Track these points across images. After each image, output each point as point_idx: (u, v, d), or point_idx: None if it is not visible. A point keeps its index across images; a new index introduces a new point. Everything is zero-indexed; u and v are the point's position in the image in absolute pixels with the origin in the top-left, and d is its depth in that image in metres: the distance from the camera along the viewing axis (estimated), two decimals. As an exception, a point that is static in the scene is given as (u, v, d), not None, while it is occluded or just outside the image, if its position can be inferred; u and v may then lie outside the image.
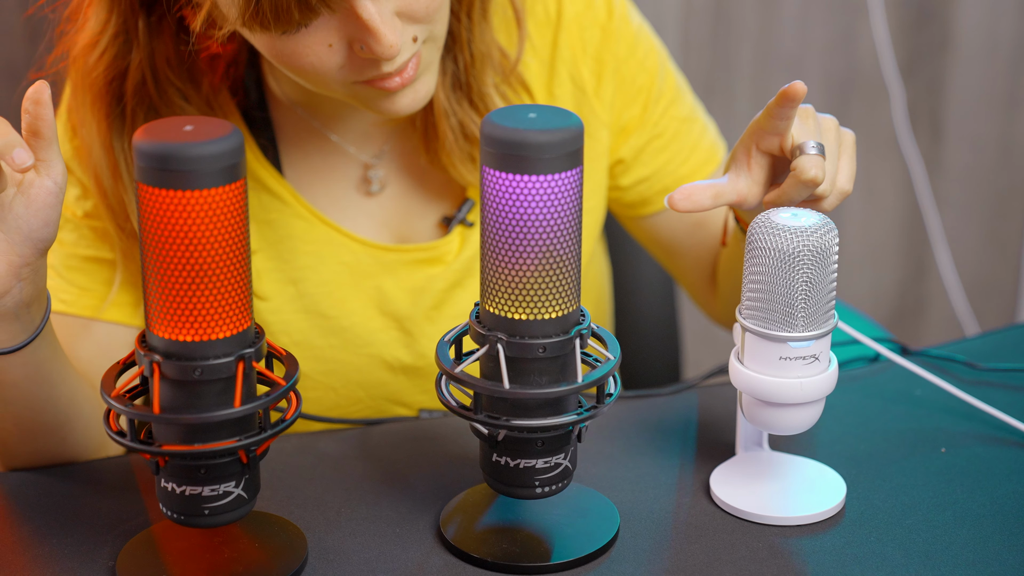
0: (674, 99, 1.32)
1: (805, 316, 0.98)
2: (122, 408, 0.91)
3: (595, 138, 1.27)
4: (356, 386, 1.25)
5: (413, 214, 1.25)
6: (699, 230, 1.33)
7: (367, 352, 1.24)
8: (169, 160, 0.87)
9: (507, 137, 0.91)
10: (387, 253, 1.23)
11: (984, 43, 2.40)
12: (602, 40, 1.26)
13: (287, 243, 1.22)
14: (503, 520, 1.01)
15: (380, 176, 1.24)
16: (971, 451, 1.11)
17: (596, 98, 1.27)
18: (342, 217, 1.23)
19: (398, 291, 1.24)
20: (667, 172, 1.32)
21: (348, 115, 1.22)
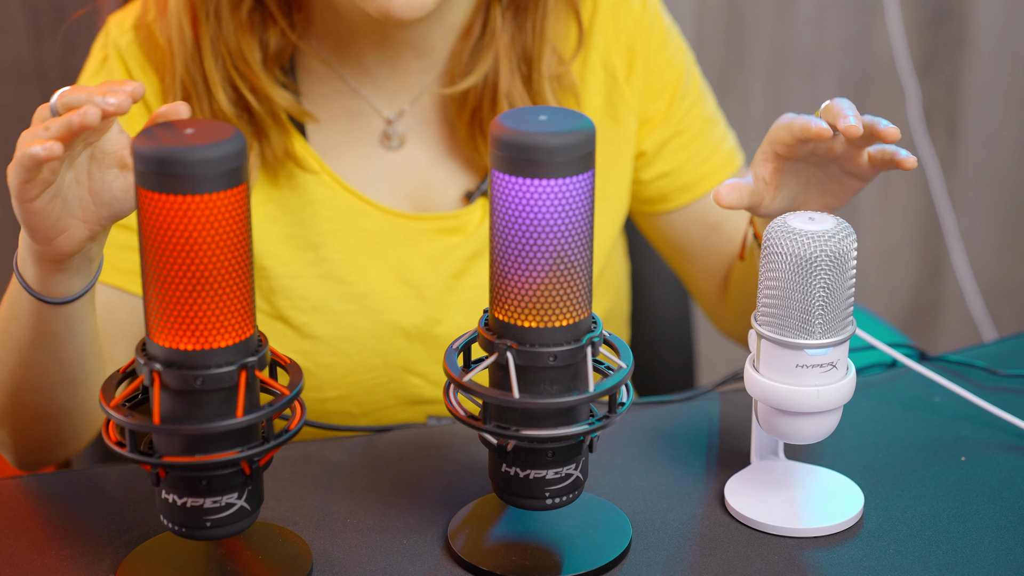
0: (698, 99, 1.33)
1: (823, 323, 0.95)
2: (121, 419, 0.89)
3: (624, 124, 1.28)
4: (372, 352, 1.24)
5: (435, 186, 1.26)
6: (713, 233, 1.31)
7: (385, 319, 1.24)
8: (169, 164, 0.84)
9: (518, 140, 0.88)
10: (409, 222, 1.24)
11: (1001, 42, 2.37)
12: (635, 31, 1.28)
13: (309, 208, 1.22)
14: (513, 532, 0.99)
15: (400, 132, 1.25)
16: (992, 460, 1.08)
17: (627, 86, 1.28)
18: (365, 185, 1.24)
19: (418, 259, 1.24)
20: (687, 170, 1.31)
21: (375, 68, 1.24)
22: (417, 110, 1.26)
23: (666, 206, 1.32)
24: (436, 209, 1.26)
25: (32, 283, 1.00)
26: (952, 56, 2.37)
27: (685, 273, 1.36)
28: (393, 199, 1.25)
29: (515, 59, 1.22)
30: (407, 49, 1.23)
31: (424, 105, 1.26)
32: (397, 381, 1.26)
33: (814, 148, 1.04)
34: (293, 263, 1.23)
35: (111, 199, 0.96)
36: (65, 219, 0.95)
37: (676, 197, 1.32)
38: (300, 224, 1.23)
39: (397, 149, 1.25)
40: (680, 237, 1.34)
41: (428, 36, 1.23)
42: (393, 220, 1.24)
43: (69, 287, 1.01)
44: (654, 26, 1.29)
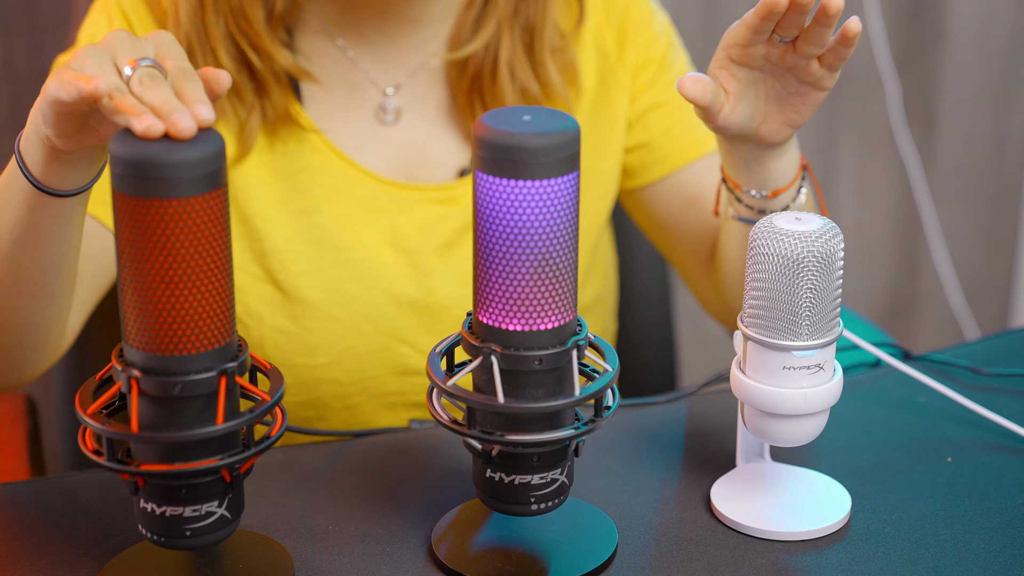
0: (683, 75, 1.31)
1: (810, 324, 0.94)
2: (98, 427, 0.87)
3: (616, 102, 1.30)
4: (363, 319, 1.24)
5: (430, 161, 1.26)
6: (694, 206, 1.31)
7: (377, 285, 1.24)
8: (146, 167, 0.83)
9: (501, 140, 0.87)
10: (403, 191, 1.25)
11: (978, 37, 2.37)
12: (626, 11, 1.30)
13: (303, 175, 1.23)
14: (498, 538, 0.98)
15: (395, 106, 1.26)
16: (978, 460, 1.08)
17: (619, 64, 1.30)
18: (359, 154, 1.25)
19: (410, 227, 1.25)
20: (667, 140, 1.32)
21: (374, 40, 1.24)
22: (414, 84, 1.26)
23: (647, 178, 1.33)
24: (430, 181, 1.26)
25: (33, 168, 0.98)
26: (928, 51, 2.37)
27: (671, 251, 1.36)
28: (387, 170, 1.26)
29: (518, 28, 1.24)
30: (407, 22, 1.24)
31: (421, 79, 1.26)
32: (387, 349, 1.25)
33: (766, 54, 1.03)
34: (286, 227, 1.23)
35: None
36: (81, 127, 0.93)
37: (656, 168, 1.32)
38: (294, 190, 1.23)
39: (392, 124, 1.26)
40: (663, 212, 1.34)
41: (429, 9, 1.24)
42: (386, 188, 1.25)
43: (66, 181, 0.98)
44: (642, 6, 1.32)
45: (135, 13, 1.21)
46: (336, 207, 1.24)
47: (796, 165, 1.12)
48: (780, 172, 1.11)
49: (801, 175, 1.12)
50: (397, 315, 1.25)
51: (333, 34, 1.24)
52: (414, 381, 1.27)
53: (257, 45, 1.20)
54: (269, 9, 1.21)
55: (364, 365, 1.25)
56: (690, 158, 1.32)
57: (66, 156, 0.97)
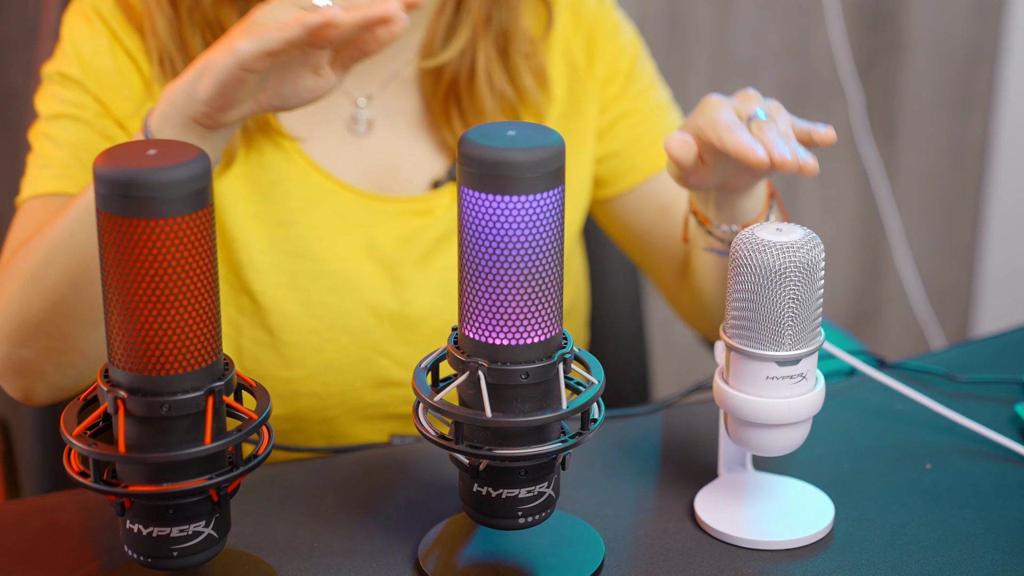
0: (651, 85, 1.35)
1: (792, 334, 0.95)
2: (84, 448, 0.86)
3: (585, 113, 1.31)
4: (341, 331, 1.24)
5: (402, 172, 1.27)
6: (665, 216, 1.32)
7: (354, 297, 1.24)
8: (132, 187, 0.82)
9: (486, 156, 0.87)
10: (379, 203, 1.25)
11: (936, 46, 2.40)
12: (594, 21, 1.31)
13: (279, 187, 1.23)
14: (485, 552, 0.98)
15: (367, 117, 1.26)
16: (956, 467, 1.09)
17: (588, 75, 1.31)
18: (333, 165, 1.25)
19: (387, 239, 1.25)
20: (637, 150, 1.33)
21: None
22: (386, 95, 1.27)
23: (617, 187, 1.33)
24: (404, 193, 1.27)
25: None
26: (888, 60, 2.39)
27: (645, 262, 1.37)
28: (361, 181, 1.26)
29: (492, 34, 1.25)
30: None
31: (393, 90, 1.27)
32: (366, 361, 1.25)
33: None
34: (262, 239, 1.23)
35: (291, 93, 1.01)
36: (249, 94, 0.99)
37: (626, 177, 1.33)
38: (270, 201, 1.23)
39: (365, 135, 1.26)
40: (634, 222, 1.34)
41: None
42: (362, 200, 1.25)
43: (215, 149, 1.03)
44: (609, 16, 1.33)
45: (115, 19, 1.21)
46: (312, 219, 1.24)
47: (764, 197, 1.13)
48: (749, 208, 1.12)
49: (769, 204, 1.14)
50: (375, 327, 1.25)
51: None
52: (393, 393, 1.27)
53: None
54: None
55: (342, 377, 1.25)
56: (660, 166, 1.32)
57: (211, 134, 1.02)
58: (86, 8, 1.22)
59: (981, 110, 2.45)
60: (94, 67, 1.19)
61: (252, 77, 0.98)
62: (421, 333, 1.26)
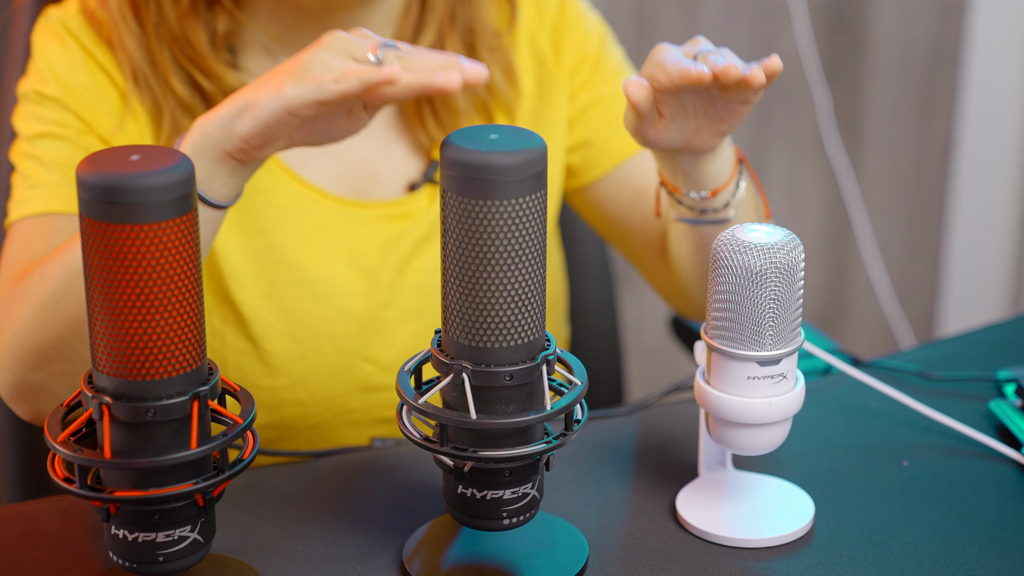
0: (619, 70, 1.36)
1: (773, 334, 0.96)
2: (69, 454, 0.86)
3: (556, 104, 1.31)
4: (324, 338, 1.24)
5: (379, 176, 1.27)
6: (641, 200, 1.33)
7: (336, 304, 1.24)
8: (116, 192, 0.82)
9: (469, 160, 0.87)
10: (357, 209, 1.25)
11: (901, 48, 2.42)
12: (558, 13, 1.32)
13: (257, 196, 1.23)
14: (469, 553, 0.98)
15: None
16: (933, 463, 1.10)
17: (557, 67, 1.31)
18: (309, 172, 1.25)
19: (368, 245, 1.25)
20: (609, 134, 1.33)
21: None
22: None
23: (591, 175, 1.34)
24: (381, 197, 1.27)
25: (198, 178, 1.00)
26: (853, 62, 2.41)
27: (623, 247, 1.37)
28: (337, 187, 1.26)
29: (458, 30, 1.25)
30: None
31: None
32: (349, 368, 1.25)
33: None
34: (242, 249, 1.23)
35: (325, 133, 1.02)
36: (287, 134, 0.99)
37: (599, 164, 1.34)
38: (248, 211, 1.23)
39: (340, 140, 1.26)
40: (611, 208, 1.35)
41: (370, 23, 1.24)
42: (341, 207, 1.25)
43: (231, 190, 1.03)
44: (573, 6, 1.34)
45: (85, 35, 1.20)
46: (291, 228, 1.24)
47: (731, 162, 1.13)
48: (716, 172, 1.12)
49: (738, 169, 1.14)
50: (357, 333, 1.25)
51: (275, 52, 1.24)
52: (377, 397, 1.27)
53: (205, 68, 1.20)
54: (211, 31, 1.21)
55: (326, 384, 1.25)
56: (632, 151, 1.33)
57: (243, 168, 1.02)
58: (55, 26, 1.21)
59: (944, 111, 2.48)
60: (71, 85, 1.19)
61: (298, 121, 0.98)
62: (403, 336, 1.26)
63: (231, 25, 1.22)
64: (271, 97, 0.96)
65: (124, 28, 1.18)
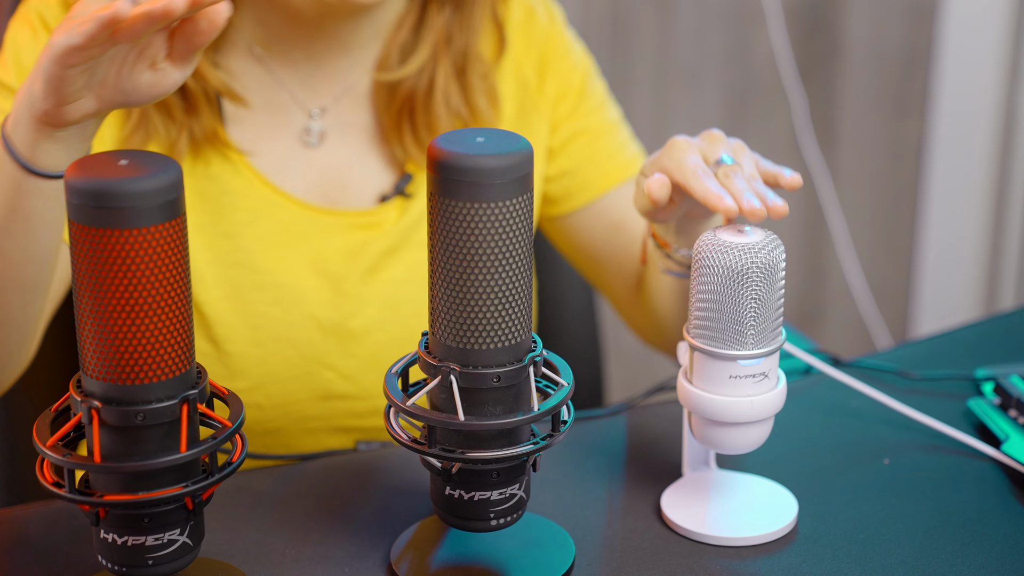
0: (603, 103, 1.37)
1: (755, 333, 0.97)
2: (59, 459, 0.86)
3: (536, 131, 1.32)
4: (286, 343, 1.24)
5: (351, 185, 1.27)
6: (618, 233, 1.33)
7: (299, 310, 1.24)
8: (105, 197, 0.82)
9: (457, 163, 0.88)
10: (324, 216, 1.26)
11: (873, 51, 2.44)
12: (545, 41, 1.33)
13: (225, 198, 1.23)
14: (457, 554, 0.99)
15: (319, 129, 1.27)
16: (913, 461, 1.11)
17: (539, 95, 1.32)
18: (282, 178, 1.25)
19: (333, 253, 1.25)
20: (590, 167, 1.34)
21: (301, 63, 1.26)
22: (339, 108, 1.27)
23: (570, 205, 1.35)
24: (351, 206, 1.27)
25: (23, 150, 0.99)
26: (827, 66, 2.43)
27: (598, 279, 1.38)
28: (308, 194, 1.26)
29: (452, 54, 1.26)
30: (336, 45, 1.25)
31: (347, 103, 1.28)
32: (310, 374, 1.26)
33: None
34: (208, 250, 1.23)
35: (131, 88, 0.98)
36: (83, 89, 0.96)
37: (579, 195, 1.34)
38: (216, 213, 1.23)
39: (316, 147, 1.27)
40: (587, 240, 1.35)
41: (359, 34, 1.25)
42: (308, 214, 1.25)
43: (57, 160, 1.00)
44: (561, 35, 1.35)
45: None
46: (257, 231, 1.24)
47: (722, 220, 1.14)
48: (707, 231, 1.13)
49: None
50: (319, 340, 1.25)
51: (260, 55, 1.24)
52: (336, 406, 1.27)
53: None
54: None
55: (286, 389, 1.25)
56: (612, 184, 1.34)
57: (61, 133, 0.99)
58: (31, 15, 1.21)
59: (917, 113, 2.50)
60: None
61: (73, 72, 0.94)
62: (365, 346, 1.26)
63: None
64: (44, 52, 0.95)
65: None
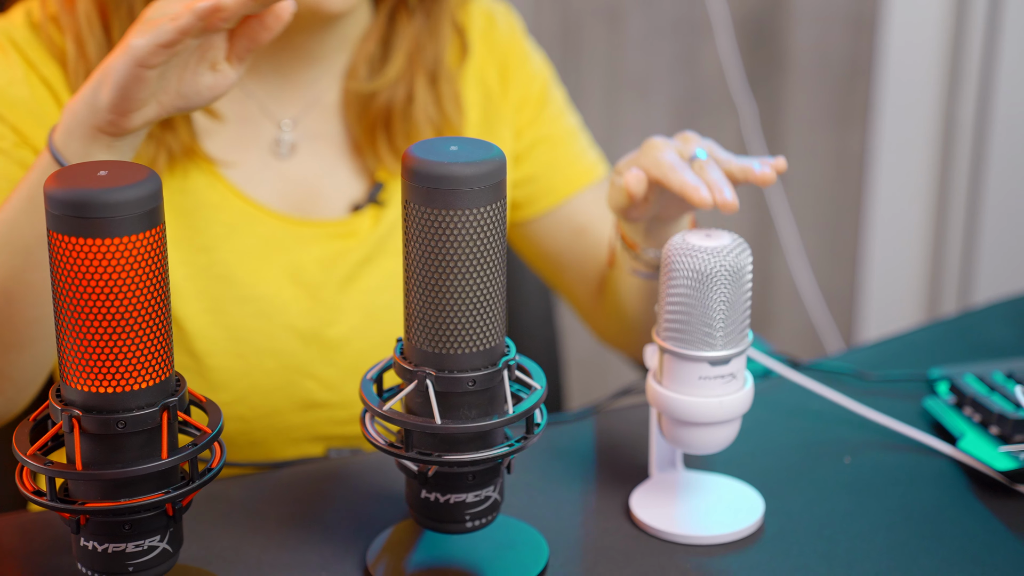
0: (563, 110, 1.40)
1: (724, 335, 0.99)
2: (40, 467, 0.87)
3: (500, 138, 1.34)
4: (267, 355, 1.25)
5: (323, 196, 1.29)
6: (581, 238, 1.35)
7: (278, 321, 1.25)
8: (86, 207, 0.83)
9: (431, 171, 0.90)
10: (300, 227, 1.27)
11: (817, 62, 2.48)
12: (506, 49, 1.35)
13: (201, 212, 1.24)
14: (432, 557, 1.00)
15: (290, 140, 1.28)
16: (873, 460, 1.14)
17: (503, 101, 1.34)
18: (254, 189, 1.26)
19: (311, 262, 1.27)
20: (553, 173, 1.36)
21: (269, 76, 1.27)
22: (309, 119, 1.29)
23: (534, 210, 1.37)
24: (325, 216, 1.28)
25: (74, 160, 1.01)
26: (773, 76, 2.47)
27: (560, 283, 1.40)
28: (281, 205, 1.27)
29: (425, 63, 1.28)
30: (303, 57, 1.26)
31: (316, 114, 1.29)
32: (292, 384, 1.27)
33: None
34: (185, 265, 1.24)
35: (193, 92, 1.02)
36: (150, 95, 0.99)
37: (542, 200, 1.36)
38: (192, 228, 1.24)
39: (287, 158, 1.28)
40: (550, 245, 1.37)
41: (325, 44, 1.26)
42: (284, 225, 1.26)
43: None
44: (521, 43, 1.37)
45: (31, 48, 1.21)
46: (234, 244, 1.25)
47: (688, 222, 1.18)
48: (675, 232, 1.15)
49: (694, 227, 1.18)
50: (300, 350, 1.27)
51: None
52: (318, 415, 1.28)
53: None
54: None
55: (268, 400, 1.26)
56: (575, 189, 1.36)
57: (118, 143, 1.02)
58: (0, 37, 1.22)
59: (860, 122, 2.55)
60: (9, 96, 1.19)
61: (151, 74, 0.98)
62: (345, 355, 1.28)
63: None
64: (121, 56, 0.98)
65: (88, 35, 1.18)
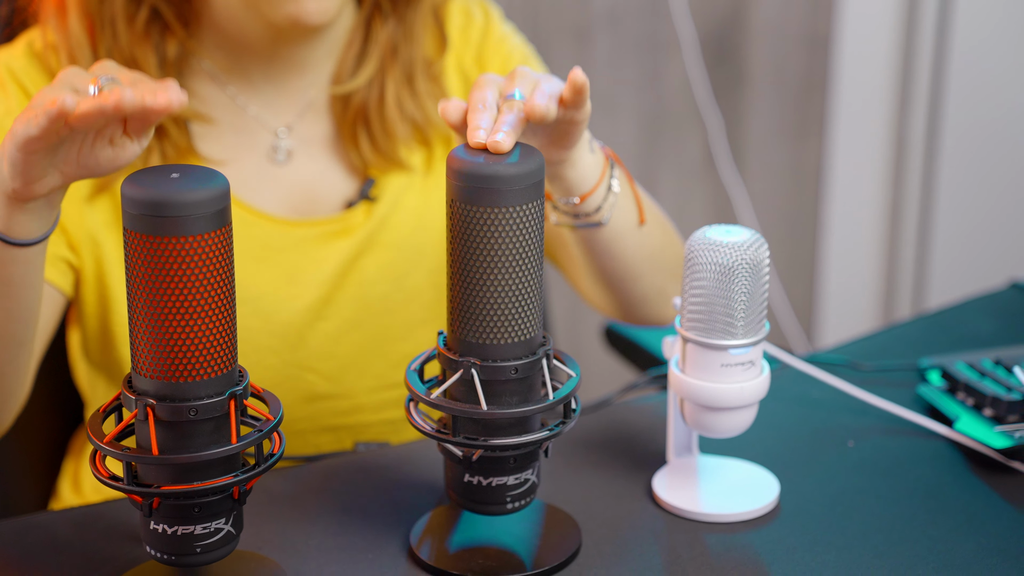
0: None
1: (744, 324, 1.06)
2: (119, 453, 0.92)
3: None
4: (268, 352, 1.30)
5: (320, 196, 1.33)
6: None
7: (278, 319, 1.30)
8: (163, 207, 0.89)
9: (478, 171, 0.96)
10: (296, 228, 1.31)
11: (775, 77, 2.57)
12: (482, 35, 1.39)
13: None
14: (472, 538, 1.06)
15: (286, 146, 1.32)
16: (875, 443, 1.21)
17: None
18: (252, 195, 1.31)
19: (307, 261, 1.31)
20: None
21: (261, 85, 1.31)
22: (303, 124, 1.34)
23: None
24: (321, 215, 1.33)
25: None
26: (733, 92, 2.56)
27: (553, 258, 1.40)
28: (279, 209, 1.32)
29: (399, 64, 1.33)
30: (293, 66, 1.31)
31: (309, 119, 1.34)
32: (293, 379, 1.31)
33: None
34: None
35: (94, 164, 1.02)
36: (47, 168, 1.00)
37: None
38: None
39: (283, 163, 1.32)
40: None
41: (313, 53, 1.31)
42: (281, 228, 1.31)
43: (30, 229, 1.04)
44: (495, 27, 1.40)
45: (29, 78, 1.25)
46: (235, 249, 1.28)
47: (598, 168, 1.17)
48: (580, 179, 1.16)
49: (608, 175, 1.18)
50: (300, 345, 1.31)
51: (222, 80, 1.30)
52: (321, 406, 1.33)
53: None
54: (161, 56, 1.27)
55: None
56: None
57: (31, 205, 1.02)
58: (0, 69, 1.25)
59: (816, 136, 2.64)
60: (5, 128, 1.22)
61: (37, 157, 0.98)
62: (344, 347, 1.32)
63: (181, 52, 1.28)
64: (7, 139, 0.99)
65: (79, 53, 1.23)
